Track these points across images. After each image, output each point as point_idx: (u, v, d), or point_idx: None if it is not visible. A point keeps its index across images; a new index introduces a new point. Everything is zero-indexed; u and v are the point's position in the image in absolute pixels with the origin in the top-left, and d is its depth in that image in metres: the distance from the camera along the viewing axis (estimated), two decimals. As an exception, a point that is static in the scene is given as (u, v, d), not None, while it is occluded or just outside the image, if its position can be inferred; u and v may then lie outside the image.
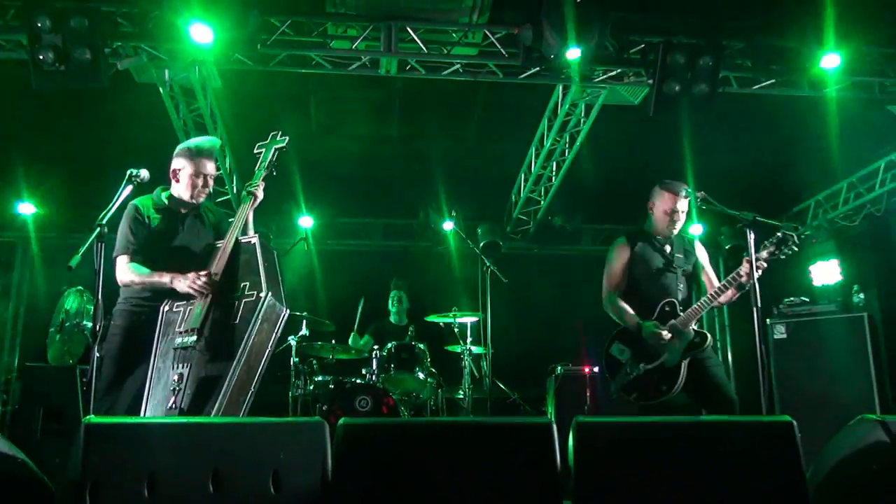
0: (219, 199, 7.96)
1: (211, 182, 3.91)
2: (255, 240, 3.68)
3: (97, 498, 2.30)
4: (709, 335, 4.12)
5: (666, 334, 4.03)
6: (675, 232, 4.29)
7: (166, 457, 2.41)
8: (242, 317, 3.40)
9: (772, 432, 2.78)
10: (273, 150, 4.07)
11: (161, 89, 5.97)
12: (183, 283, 3.56)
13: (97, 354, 3.01)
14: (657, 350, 4.07)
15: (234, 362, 3.27)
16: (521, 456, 2.67)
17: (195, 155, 3.84)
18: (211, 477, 2.41)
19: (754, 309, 3.65)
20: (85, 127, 6.88)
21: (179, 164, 3.86)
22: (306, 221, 8.39)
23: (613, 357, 4.26)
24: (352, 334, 7.09)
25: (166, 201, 3.89)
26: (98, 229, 3.09)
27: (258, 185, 3.88)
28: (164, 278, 3.62)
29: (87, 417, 2.45)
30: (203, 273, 3.56)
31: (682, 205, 4.22)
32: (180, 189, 3.87)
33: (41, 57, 4.78)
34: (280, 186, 7.91)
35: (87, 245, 3.10)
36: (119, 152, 6.44)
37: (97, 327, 3.03)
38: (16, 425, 5.50)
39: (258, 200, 3.89)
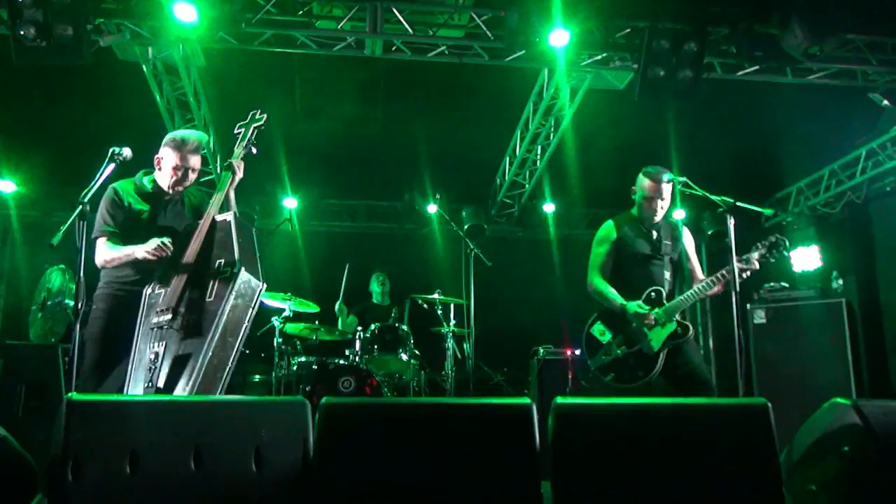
0: (203, 179, 7.91)
1: (192, 176, 3.87)
2: (229, 217, 3.65)
3: (79, 474, 2.32)
4: (691, 327, 4.13)
5: (651, 318, 4.05)
6: (658, 218, 4.28)
7: (148, 434, 2.42)
8: (217, 294, 3.39)
9: (747, 414, 2.83)
10: (252, 128, 4.03)
11: (144, 67, 5.92)
12: (140, 250, 3.60)
13: (78, 333, 2.99)
14: (638, 334, 4.10)
15: (208, 339, 3.26)
16: (501, 436, 2.70)
17: (180, 147, 3.81)
18: (192, 454, 2.43)
19: (733, 294, 3.69)
20: (67, 104, 6.82)
21: (164, 153, 3.84)
22: (291, 202, 8.36)
23: (593, 337, 4.27)
24: (337, 303, 7.07)
25: (149, 186, 3.88)
26: (80, 207, 3.07)
27: (237, 162, 3.85)
28: (130, 249, 3.65)
29: (70, 394, 2.45)
30: (163, 240, 3.60)
31: (663, 191, 4.22)
32: (163, 177, 3.85)
33: (22, 32, 4.72)
34: (264, 167, 7.94)
35: (68, 223, 3.09)
36: (101, 130, 6.38)
37: (79, 305, 3.02)
38: (-2, 403, 5.48)
39: (237, 177, 3.84)
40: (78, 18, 4.76)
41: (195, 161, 3.86)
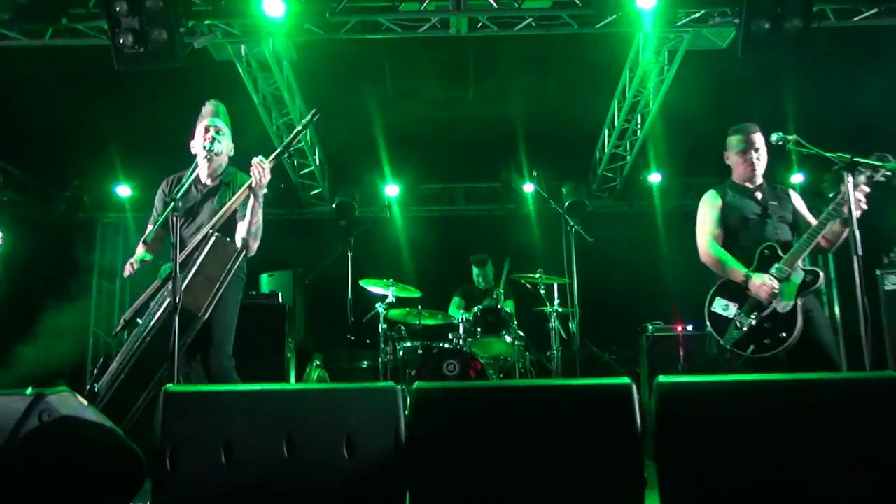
0: (302, 172, 8.09)
1: (214, 137, 3.80)
2: (213, 238, 3.56)
3: (176, 464, 2.37)
4: (821, 273, 3.80)
5: (777, 286, 3.75)
6: (758, 173, 4.02)
7: (241, 423, 2.45)
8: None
9: (874, 389, 2.58)
10: (297, 130, 3.76)
11: (238, 66, 6.06)
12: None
13: (177, 326, 3.07)
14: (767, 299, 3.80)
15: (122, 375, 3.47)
16: (601, 418, 2.57)
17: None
18: (285, 442, 2.44)
19: (854, 257, 3.36)
20: (172, 108, 7.09)
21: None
22: (392, 190, 8.37)
23: (717, 314, 3.95)
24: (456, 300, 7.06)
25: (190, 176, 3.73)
26: (172, 204, 3.15)
27: (260, 164, 3.60)
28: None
29: (167, 385, 2.52)
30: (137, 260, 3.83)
31: (754, 141, 3.98)
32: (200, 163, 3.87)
33: (121, 41, 4.91)
34: (361, 156, 8.02)
35: (161, 219, 3.17)
36: (205, 132, 6.62)
37: (177, 299, 3.10)
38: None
39: (258, 182, 3.57)
40: (171, 22, 4.90)
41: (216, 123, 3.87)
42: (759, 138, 4.00)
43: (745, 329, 3.82)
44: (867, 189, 3.61)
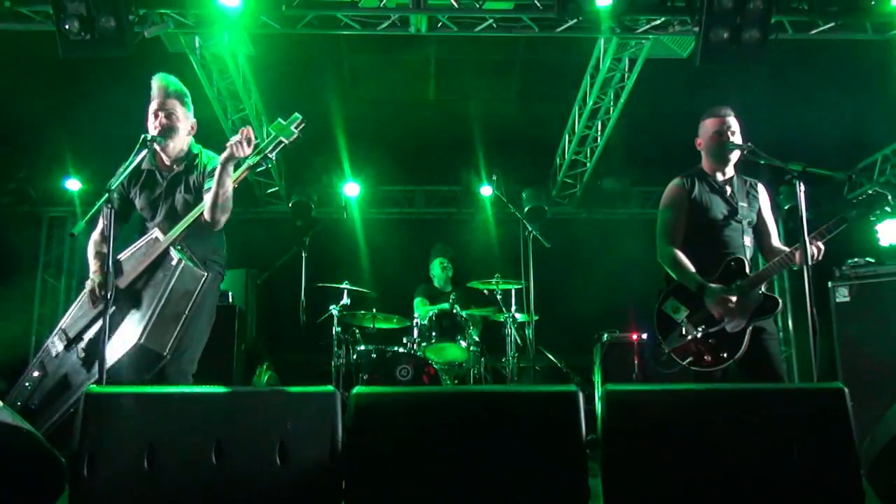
0: (258, 169, 7.90)
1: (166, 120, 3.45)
2: (175, 262, 3.20)
3: (95, 469, 2.24)
4: (780, 301, 3.61)
5: (733, 301, 3.56)
6: (731, 161, 3.77)
7: (167, 427, 2.33)
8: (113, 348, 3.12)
9: (821, 400, 2.55)
10: (277, 141, 3.33)
11: (192, 58, 5.89)
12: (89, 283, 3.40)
13: (108, 321, 2.92)
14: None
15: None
16: (545, 426, 2.51)
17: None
18: (213, 448, 2.32)
19: (805, 269, 3.31)
20: (124, 101, 6.88)
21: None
22: (352, 189, 8.18)
23: (666, 314, 3.75)
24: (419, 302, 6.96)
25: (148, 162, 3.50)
26: (106, 195, 2.99)
27: (244, 131, 3.21)
28: (91, 263, 3.46)
29: (89, 387, 2.38)
30: (98, 285, 3.32)
31: (730, 123, 3.72)
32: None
33: (66, 26, 4.74)
34: (320, 154, 7.86)
35: (93, 211, 3.02)
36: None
37: (109, 295, 2.94)
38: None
39: (233, 149, 3.15)
40: (120, 9, 4.74)
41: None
42: (734, 122, 3.75)
43: (688, 338, 3.64)
44: (844, 225, 3.49)
